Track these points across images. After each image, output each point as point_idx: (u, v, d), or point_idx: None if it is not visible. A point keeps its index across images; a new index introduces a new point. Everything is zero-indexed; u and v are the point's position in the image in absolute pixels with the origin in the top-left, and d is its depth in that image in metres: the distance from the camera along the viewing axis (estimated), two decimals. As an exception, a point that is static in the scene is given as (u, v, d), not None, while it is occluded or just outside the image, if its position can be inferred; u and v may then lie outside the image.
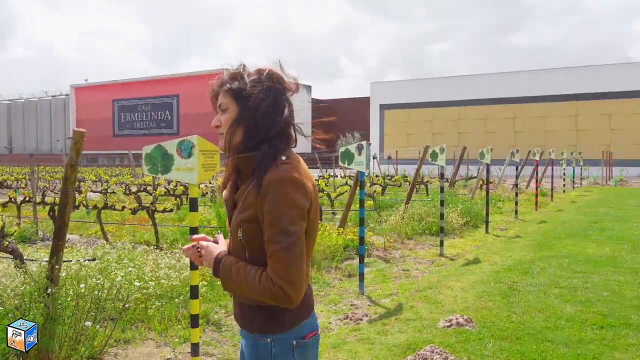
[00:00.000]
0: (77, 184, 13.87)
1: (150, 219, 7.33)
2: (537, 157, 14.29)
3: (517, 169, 14.46)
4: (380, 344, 4.07)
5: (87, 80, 65.22)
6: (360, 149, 5.69)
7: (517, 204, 12.27)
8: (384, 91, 42.50)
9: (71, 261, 4.65)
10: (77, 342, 3.68)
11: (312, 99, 58.18)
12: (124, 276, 4.53)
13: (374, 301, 5.33)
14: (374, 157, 32.58)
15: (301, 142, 1.74)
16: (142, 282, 4.68)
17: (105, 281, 4.23)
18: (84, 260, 4.65)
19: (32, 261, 4.49)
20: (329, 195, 11.62)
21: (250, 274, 1.55)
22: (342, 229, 7.95)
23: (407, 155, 36.13)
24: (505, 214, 12.34)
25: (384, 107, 42.17)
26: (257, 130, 1.62)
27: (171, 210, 7.43)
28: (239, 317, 1.73)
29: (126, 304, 4.31)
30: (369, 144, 5.77)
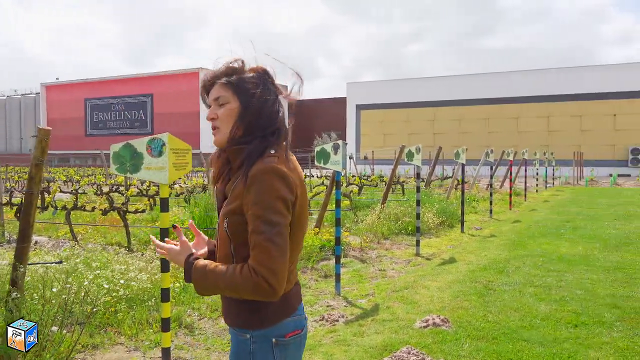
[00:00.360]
0: (47, 184, 13.50)
1: (121, 220, 7.15)
2: (510, 157, 14.47)
3: (491, 168, 14.61)
4: (356, 346, 4.02)
5: (58, 78, 63.70)
6: (336, 149, 5.63)
7: (491, 203, 12.40)
8: (360, 91, 42.59)
9: (37, 264, 4.48)
10: (42, 349, 3.54)
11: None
12: (92, 279, 4.38)
13: (351, 302, 5.28)
14: (351, 157, 32.66)
15: None
16: (110, 285, 4.54)
17: (72, 284, 4.08)
18: (50, 262, 4.48)
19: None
20: (305, 195, 11.51)
21: (229, 270, 1.53)
22: (318, 229, 7.89)
23: (383, 155, 36.31)
24: (480, 214, 12.45)
25: (360, 107, 42.26)
26: (257, 127, 1.64)
27: (143, 211, 7.26)
28: (226, 313, 1.71)
29: (94, 308, 4.16)
30: (345, 144, 5.72)
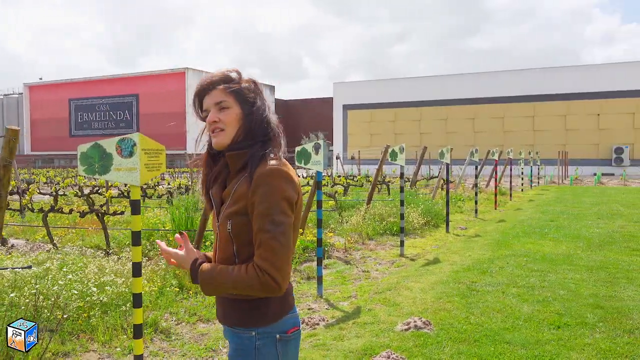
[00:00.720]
0: (26, 185, 13.24)
1: (100, 222, 7.00)
2: (496, 157, 14.48)
3: (476, 168, 14.61)
4: (335, 350, 3.92)
5: (41, 78, 62.77)
6: (317, 148, 5.54)
7: (477, 203, 12.39)
8: (346, 91, 42.51)
9: (6, 269, 4.33)
10: (8, 357, 3.41)
11: (275, 99, 57.77)
12: (64, 284, 4.24)
13: (332, 304, 5.19)
14: (338, 157, 32.59)
15: None
16: (85, 288, 4.40)
17: (43, 289, 3.95)
18: (18, 268, 4.33)
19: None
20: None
21: (235, 270, 1.60)
22: (301, 230, 7.79)
23: (370, 155, 36.31)
24: (465, 213, 12.44)
25: (347, 108, 42.20)
26: (258, 133, 1.74)
27: (122, 212, 7.11)
28: (222, 314, 1.76)
29: (66, 314, 4.03)
30: (327, 143, 5.63)
